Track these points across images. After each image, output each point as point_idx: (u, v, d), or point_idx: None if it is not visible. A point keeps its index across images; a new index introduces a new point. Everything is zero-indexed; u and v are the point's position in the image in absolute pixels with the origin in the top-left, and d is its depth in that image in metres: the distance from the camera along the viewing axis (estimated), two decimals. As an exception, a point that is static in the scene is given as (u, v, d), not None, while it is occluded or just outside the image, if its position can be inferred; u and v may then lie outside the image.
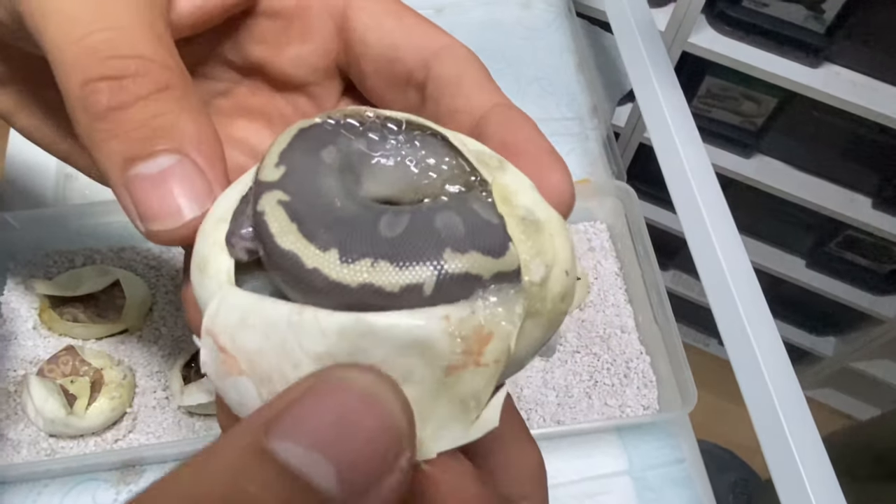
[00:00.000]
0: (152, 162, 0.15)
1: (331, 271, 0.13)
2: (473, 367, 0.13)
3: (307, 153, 0.15)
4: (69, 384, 0.42)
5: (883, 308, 1.01)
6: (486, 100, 0.18)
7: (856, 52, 0.75)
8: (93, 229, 0.49)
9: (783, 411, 0.40)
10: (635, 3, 0.57)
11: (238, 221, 0.15)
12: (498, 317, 0.14)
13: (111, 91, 0.15)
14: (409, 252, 0.13)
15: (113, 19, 0.15)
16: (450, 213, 0.14)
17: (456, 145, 0.15)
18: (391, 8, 0.19)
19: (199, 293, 0.15)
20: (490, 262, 0.14)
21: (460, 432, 0.14)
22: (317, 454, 0.10)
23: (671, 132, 0.49)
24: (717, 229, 0.45)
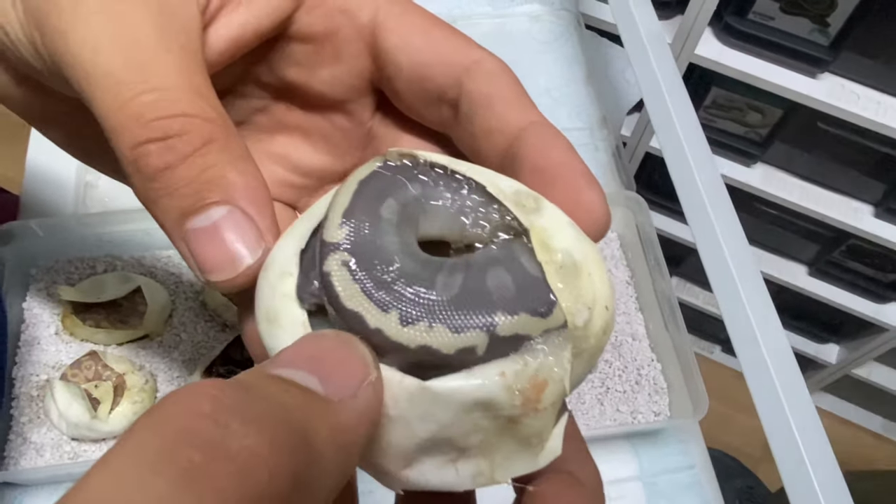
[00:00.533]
0: (204, 215, 0.16)
1: (391, 332, 0.14)
2: (533, 414, 0.15)
3: (367, 211, 0.16)
4: (93, 388, 0.43)
5: (886, 316, 1.01)
6: (520, 118, 0.18)
7: (860, 65, 0.76)
8: (114, 237, 0.50)
9: (794, 420, 0.40)
10: (645, 16, 0.58)
11: (307, 277, 0.16)
12: (549, 364, 0.15)
13: (159, 152, 0.16)
14: (464, 316, 0.14)
15: (156, 80, 0.16)
16: (499, 270, 0.15)
17: (492, 192, 0.16)
18: (420, 25, 0.19)
19: (269, 342, 0.16)
20: (538, 322, 0.15)
21: (527, 462, 0.15)
22: (302, 371, 0.13)
23: (682, 143, 0.50)
24: (727, 240, 0.46)
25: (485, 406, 0.15)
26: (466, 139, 0.19)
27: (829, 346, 1.18)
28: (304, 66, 0.21)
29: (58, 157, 0.56)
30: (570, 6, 0.70)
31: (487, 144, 0.18)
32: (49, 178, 0.55)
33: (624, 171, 0.60)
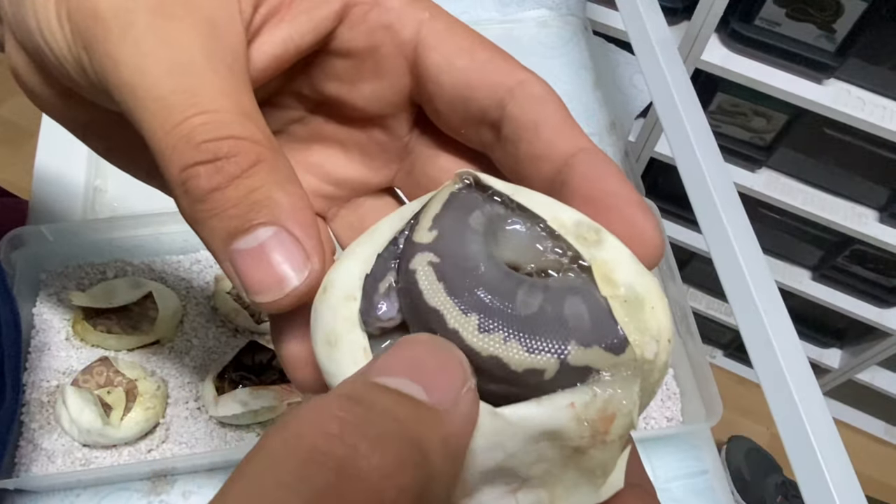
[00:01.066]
0: (251, 236, 0.16)
1: (468, 336, 0.15)
2: (601, 446, 0.15)
3: (457, 218, 0.16)
4: (105, 394, 0.42)
5: (890, 321, 1.02)
6: (568, 145, 0.18)
7: (865, 71, 0.77)
8: (124, 241, 0.49)
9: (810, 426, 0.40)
10: (654, 23, 0.58)
11: (371, 301, 0.16)
12: (618, 397, 0.15)
13: (208, 175, 0.16)
14: (539, 338, 0.15)
15: (205, 103, 0.16)
16: (577, 300, 0.15)
17: (554, 227, 0.16)
18: (463, 45, 0.19)
19: (328, 366, 0.16)
20: (610, 359, 0.15)
21: (589, 495, 0.15)
22: (405, 379, 0.14)
23: (694, 150, 0.50)
24: (742, 248, 0.46)
25: (553, 436, 0.15)
26: (509, 162, 0.19)
27: (833, 350, 1.18)
28: (344, 81, 0.20)
29: (66, 163, 0.56)
30: (577, 12, 0.70)
31: (533, 170, 0.18)
32: (58, 183, 0.55)
33: (633, 176, 0.60)
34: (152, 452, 0.44)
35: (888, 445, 1.29)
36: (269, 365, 0.45)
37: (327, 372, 0.16)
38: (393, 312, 0.16)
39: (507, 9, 0.69)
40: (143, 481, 0.44)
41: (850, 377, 1.16)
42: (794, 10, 0.73)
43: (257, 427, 0.45)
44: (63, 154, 0.57)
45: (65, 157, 0.56)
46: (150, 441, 0.44)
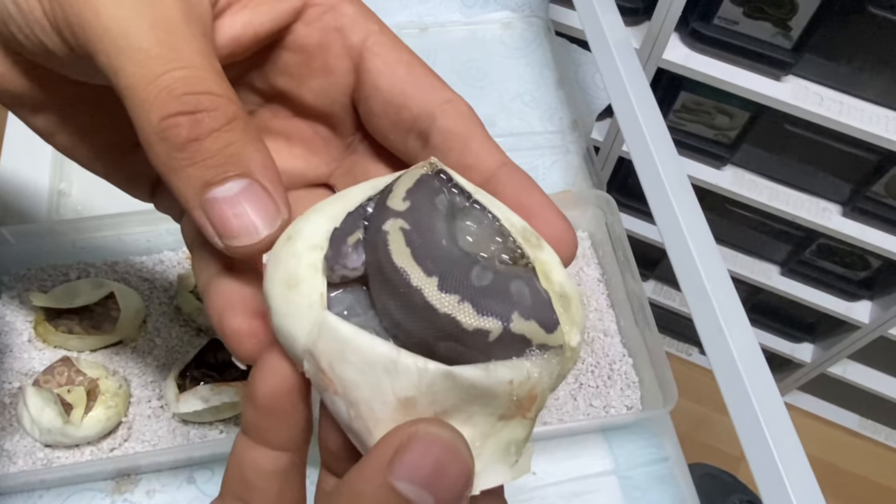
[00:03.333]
0: (226, 186, 0.17)
1: (428, 294, 0.17)
2: (520, 419, 0.17)
3: (426, 196, 0.18)
4: (66, 393, 0.43)
5: (858, 314, 1.04)
6: (494, 159, 0.20)
7: (822, 67, 0.79)
8: (87, 243, 0.50)
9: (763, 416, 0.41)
10: (611, 23, 0.59)
11: (339, 250, 0.18)
12: (543, 383, 0.17)
13: (189, 125, 0.17)
14: (489, 304, 0.17)
15: (185, 59, 0.17)
16: (521, 284, 0.18)
17: (506, 227, 0.19)
18: (404, 58, 0.21)
19: (282, 306, 0.18)
20: (542, 334, 0.17)
21: (502, 473, 0.17)
22: (425, 491, 0.15)
23: (649, 146, 0.51)
24: (694, 238, 0.47)
25: (487, 399, 0.17)
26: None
27: (804, 345, 1.20)
28: (294, 75, 0.22)
29: (31, 166, 0.56)
30: (540, 13, 0.71)
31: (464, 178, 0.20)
32: (22, 186, 0.55)
33: (595, 173, 0.61)
34: (115, 451, 0.44)
35: (862, 438, 1.31)
36: (230, 362, 0.46)
37: (279, 312, 0.18)
38: (358, 264, 0.18)
39: (471, 10, 0.70)
40: (107, 481, 0.44)
41: (822, 371, 1.18)
42: (750, 8, 0.75)
43: (219, 424, 0.45)
44: (27, 157, 0.57)
45: (29, 161, 0.57)
46: (113, 440, 0.44)
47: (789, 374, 1.23)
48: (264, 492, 0.19)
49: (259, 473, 0.19)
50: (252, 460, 0.19)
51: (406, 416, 0.16)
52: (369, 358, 0.16)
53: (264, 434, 0.19)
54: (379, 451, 0.15)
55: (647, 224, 1.08)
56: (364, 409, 0.17)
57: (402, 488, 0.15)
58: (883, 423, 1.30)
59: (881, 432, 1.30)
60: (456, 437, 0.16)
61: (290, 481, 0.19)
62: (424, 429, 0.16)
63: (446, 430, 0.16)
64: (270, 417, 0.19)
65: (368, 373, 0.16)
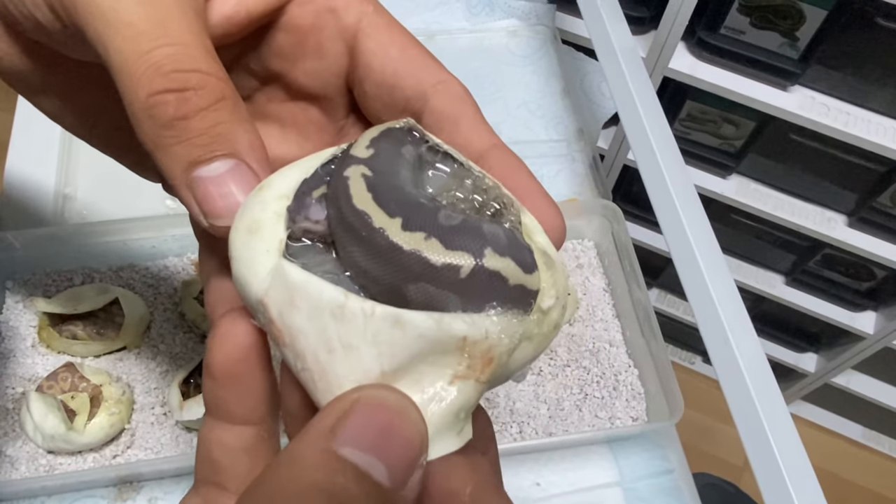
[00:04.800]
0: (212, 165, 0.17)
1: (392, 233, 0.15)
2: (473, 382, 0.16)
3: (392, 145, 0.18)
4: (69, 399, 0.42)
5: (862, 324, 1.03)
6: (484, 140, 0.20)
7: (829, 77, 0.78)
8: (92, 248, 0.50)
9: (769, 427, 0.41)
10: (618, 32, 0.59)
11: (302, 202, 0.17)
12: (501, 345, 0.16)
13: (176, 103, 0.17)
14: (459, 239, 0.16)
15: (174, 35, 0.17)
16: (496, 226, 0.16)
17: (488, 182, 0.18)
18: (397, 39, 0.21)
19: (240, 251, 0.17)
20: (519, 274, 0.16)
21: (450, 441, 0.16)
22: (372, 457, 0.14)
23: (656, 155, 0.51)
24: (701, 248, 0.47)
25: (439, 355, 0.16)
26: None
27: (808, 355, 1.20)
28: (287, 56, 0.22)
29: (36, 170, 0.56)
30: (546, 21, 0.71)
31: None
32: (27, 190, 0.55)
33: (601, 182, 0.61)
34: (117, 458, 0.44)
35: (865, 449, 1.31)
36: (235, 369, 0.45)
37: (238, 258, 0.17)
38: (320, 217, 0.17)
39: (477, 18, 0.70)
40: (109, 488, 0.44)
41: (826, 381, 1.18)
42: (757, 18, 0.75)
43: (223, 431, 0.45)
44: (33, 161, 0.57)
45: (35, 165, 0.57)
46: (116, 447, 0.44)
47: (793, 383, 1.23)
48: (233, 470, 0.18)
49: (225, 451, 0.18)
50: (217, 438, 0.18)
51: (351, 370, 0.15)
52: (316, 303, 0.15)
53: (225, 407, 0.18)
54: (321, 417, 0.15)
55: (650, 232, 1.08)
56: (310, 360, 0.16)
57: (348, 454, 0.14)
58: (887, 435, 1.30)
59: (885, 443, 1.30)
60: (404, 401, 0.15)
61: (258, 456, 0.19)
62: (369, 393, 0.15)
63: (393, 393, 0.15)
64: (228, 386, 0.18)
65: (315, 319, 0.15)
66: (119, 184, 0.55)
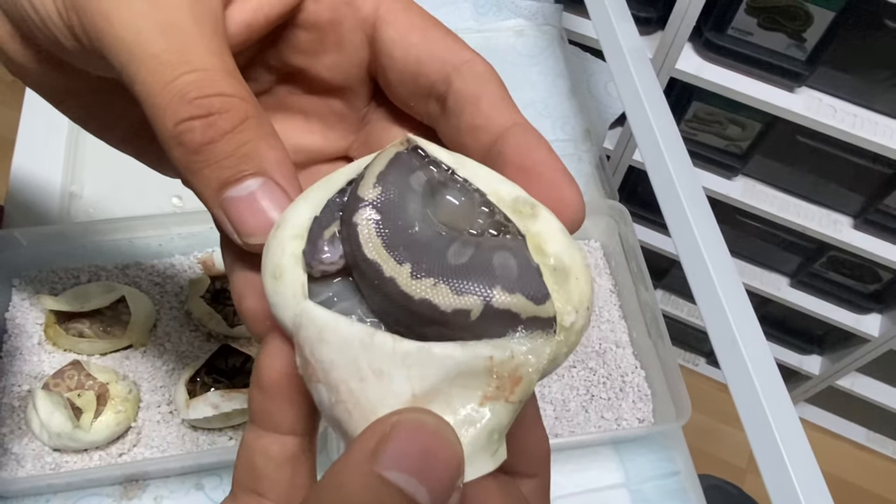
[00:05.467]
0: (242, 185, 0.18)
1: (402, 282, 0.16)
2: (503, 402, 0.16)
3: (399, 178, 0.18)
4: (76, 398, 0.42)
5: (867, 327, 1.03)
6: (504, 119, 0.19)
7: (836, 79, 0.78)
8: (98, 246, 0.49)
9: (777, 429, 0.41)
10: (626, 32, 0.59)
11: (315, 245, 0.17)
12: (528, 364, 0.16)
13: (202, 129, 0.17)
14: (466, 283, 0.16)
15: (196, 62, 0.18)
16: (506, 254, 0.17)
17: (493, 200, 0.18)
18: (417, 23, 0.21)
19: (272, 298, 0.18)
20: (530, 307, 0.16)
21: (485, 463, 0.16)
22: (414, 479, 0.14)
23: (663, 156, 0.51)
24: (709, 250, 0.46)
25: (466, 378, 0.16)
26: (451, 133, 0.20)
27: (813, 357, 1.19)
28: (308, 52, 0.22)
29: (43, 168, 0.56)
30: (553, 22, 0.71)
31: (472, 140, 0.20)
32: (34, 188, 0.55)
33: (607, 182, 0.61)
34: (123, 456, 0.43)
35: (869, 452, 1.30)
36: (241, 368, 0.45)
37: (271, 303, 0.18)
38: (335, 258, 0.17)
39: (484, 18, 0.70)
40: (115, 486, 0.44)
41: (830, 384, 1.17)
42: (765, 19, 0.75)
43: (229, 430, 0.45)
44: (40, 159, 0.57)
45: (41, 163, 0.57)
46: (122, 445, 0.44)
47: (797, 385, 1.22)
48: (275, 480, 0.19)
49: (268, 461, 0.19)
50: (262, 448, 0.19)
51: (384, 395, 0.16)
52: (345, 335, 0.16)
53: (272, 418, 0.19)
54: (363, 440, 0.15)
55: (655, 233, 1.08)
56: (343, 391, 0.16)
57: (392, 477, 0.14)
58: (891, 438, 1.29)
59: (889, 446, 1.29)
60: (441, 423, 0.15)
61: (300, 468, 0.19)
62: (408, 416, 0.15)
63: (430, 416, 0.15)
64: (277, 398, 0.19)
65: (345, 350, 0.16)
66: (126, 182, 0.55)
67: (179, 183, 0.20)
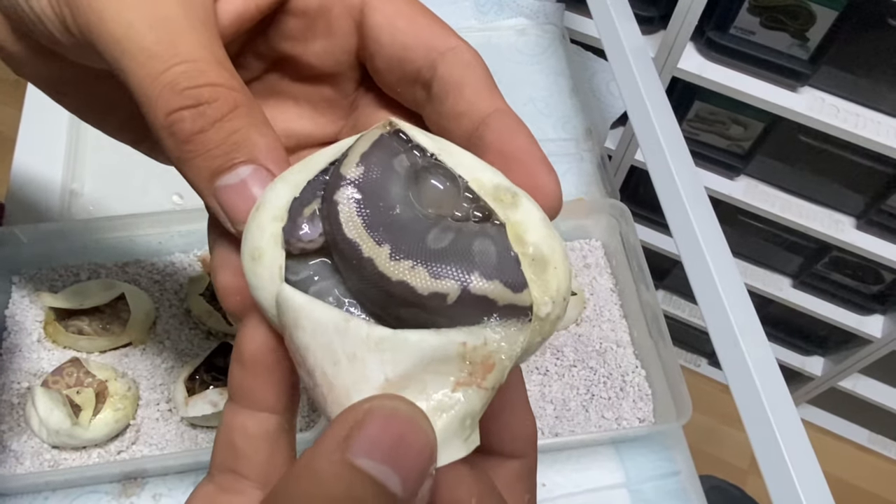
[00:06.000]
0: (233, 173, 0.18)
1: (380, 263, 0.16)
2: (475, 388, 0.16)
3: (382, 159, 0.18)
4: (75, 395, 0.42)
5: (870, 328, 1.02)
6: (487, 105, 0.20)
7: (839, 78, 0.78)
8: (98, 244, 0.49)
9: (779, 430, 0.41)
10: (628, 31, 0.59)
11: (295, 222, 0.17)
12: (501, 351, 0.16)
13: (192, 118, 0.17)
14: (444, 267, 0.16)
15: (185, 53, 0.18)
16: (487, 242, 0.17)
17: (474, 188, 0.18)
18: (405, 10, 0.21)
19: (251, 280, 0.18)
20: (508, 294, 0.16)
21: (457, 448, 0.16)
22: (387, 467, 0.14)
23: (665, 155, 0.51)
24: (711, 251, 0.46)
25: (439, 364, 0.16)
26: (435, 119, 0.21)
27: (815, 358, 1.19)
28: (297, 39, 0.22)
29: (43, 165, 0.56)
30: (555, 20, 0.71)
31: (455, 125, 0.20)
32: (35, 185, 0.55)
33: (609, 182, 0.61)
34: (122, 454, 0.43)
35: (871, 453, 1.30)
36: (240, 366, 0.45)
37: (251, 284, 0.18)
38: (315, 236, 0.17)
39: (486, 17, 0.70)
40: (113, 483, 0.44)
41: (832, 385, 1.17)
42: (767, 18, 0.74)
43: (228, 428, 0.44)
44: (40, 157, 0.57)
45: (41, 160, 0.57)
46: (121, 442, 0.44)
47: (799, 387, 1.22)
48: (253, 458, 0.19)
49: (247, 438, 0.19)
50: (240, 425, 0.19)
51: (356, 380, 0.16)
52: (320, 320, 0.16)
53: (251, 394, 0.19)
54: (335, 428, 0.15)
55: (656, 233, 1.08)
56: (318, 375, 0.16)
57: (363, 464, 0.14)
58: (893, 439, 1.29)
59: (891, 448, 1.29)
60: (414, 411, 0.15)
61: (278, 446, 0.19)
62: (380, 403, 0.15)
63: (403, 403, 0.15)
64: (257, 374, 0.19)
65: (319, 335, 0.16)
66: (126, 180, 0.55)
67: (180, 181, 0.20)
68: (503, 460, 0.20)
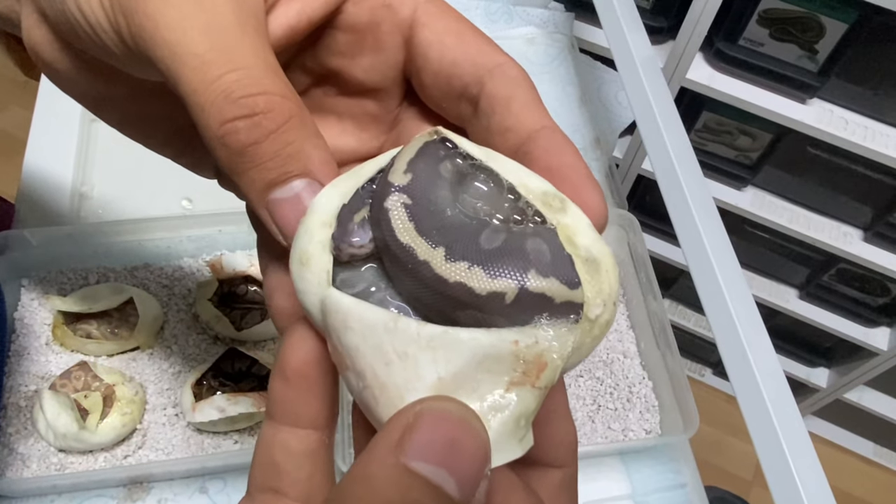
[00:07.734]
0: (287, 186, 0.18)
1: (436, 265, 0.16)
2: (529, 388, 0.16)
3: (429, 165, 0.18)
4: (82, 399, 0.42)
5: (876, 340, 1.02)
6: (534, 121, 0.20)
7: (847, 91, 0.78)
8: (107, 248, 0.50)
9: (786, 442, 0.40)
10: (637, 41, 0.59)
11: (345, 228, 0.17)
12: (553, 350, 0.16)
13: (247, 129, 0.17)
14: (501, 266, 0.16)
15: (239, 60, 0.18)
16: (539, 241, 0.17)
17: (521, 192, 0.18)
18: (453, 27, 0.21)
19: (298, 284, 0.18)
20: (564, 291, 0.16)
21: (512, 449, 0.16)
22: (443, 469, 0.14)
23: (674, 166, 0.51)
24: (719, 262, 0.46)
25: (492, 363, 0.16)
26: (481, 133, 0.21)
27: (820, 370, 1.19)
28: (345, 54, 0.22)
29: (53, 168, 0.57)
30: (564, 30, 0.71)
31: (501, 141, 0.20)
32: (44, 188, 0.56)
33: (617, 191, 0.61)
34: (128, 458, 0.43)
35: (877, 466, 1.29)
36: (247, 372, 0.45)
37: (297, 289, 0.18)
38: (365, 241, 0.17)
39: (495, 26, 0.70)
40: (119, 488, 0.44)
41: (837, 397, 1.16)
42: (777, 30, 0.74)
43: (234, 434, 0.44)
44: (51, 159, 0.57)
45: (52, 163, 0.57)
46: (127, 447, 0.44)
47: (804, 398, 1.22)
48: (294, 475, 0.18)
49: (288, 455, 0.18)
50: (281, 442, 0.19)
51: (409, 379, 0.16)
52: (370, 320, 0.16)
53: (293, 410, 0.19)
54: (387, 432, 0.15)
55: (662, 243, 1.08)
56: (369, 376, 0.16)
57: (418, 468, 0.14)
58: (899, 452, 1.28)
59: (896, 461, 1.28)
60: (465, 411, 0.15)
61: (319, 463, 0.19)
62: (430, 405, 0.15)
63: (454, 404, 0.15)
64: (301, 388, 0.19)
65: (369, 336, 0.16)
66: (136, 183, 0.55)
67: (190, 185, 0.20)
68: (545, 470, 0.20)
